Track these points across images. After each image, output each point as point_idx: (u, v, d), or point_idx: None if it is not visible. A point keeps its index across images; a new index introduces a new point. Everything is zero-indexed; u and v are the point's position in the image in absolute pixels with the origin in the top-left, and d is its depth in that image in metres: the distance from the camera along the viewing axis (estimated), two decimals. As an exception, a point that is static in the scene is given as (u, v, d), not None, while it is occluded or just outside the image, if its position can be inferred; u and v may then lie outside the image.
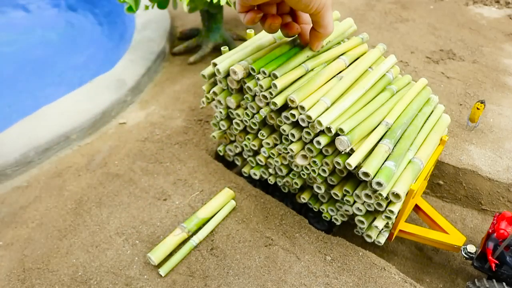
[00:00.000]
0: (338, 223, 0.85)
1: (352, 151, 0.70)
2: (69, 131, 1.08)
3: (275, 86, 0.73)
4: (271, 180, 0.91)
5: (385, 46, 0.88)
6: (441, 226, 0.86)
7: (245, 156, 0.94)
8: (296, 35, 0.75)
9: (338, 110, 0.71)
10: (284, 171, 0.86)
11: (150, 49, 1.38)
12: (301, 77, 0.76)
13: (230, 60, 0.78)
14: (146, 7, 1.25)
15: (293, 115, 0.73)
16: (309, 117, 0.70)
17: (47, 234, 0.86)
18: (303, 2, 0.60)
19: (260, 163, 0.90)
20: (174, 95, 1.27)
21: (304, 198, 0.88)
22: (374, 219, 0.77)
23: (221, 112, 0.87)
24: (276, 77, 0.73)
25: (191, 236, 0.81)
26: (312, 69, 0.78)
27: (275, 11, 0.69)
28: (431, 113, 0.81)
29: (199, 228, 0.83)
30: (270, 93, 0.74)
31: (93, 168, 1.02)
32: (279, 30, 0.71)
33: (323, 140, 0.71)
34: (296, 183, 0.85)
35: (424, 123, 0.79)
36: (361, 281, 0.77)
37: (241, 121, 0.85)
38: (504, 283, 0.77)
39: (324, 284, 0.76)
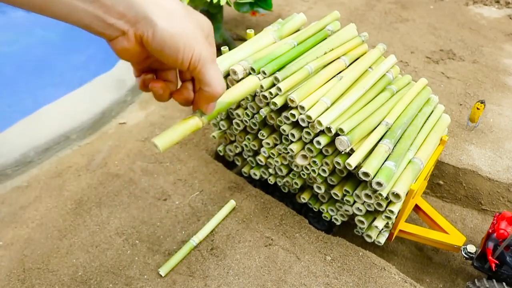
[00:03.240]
0: (338, 223, 0.85)
1: (352, 151, 0.70)
2: (69, 131, 1.08)
3: (279, 89, 0.73)
4: (271, 180, 0.91)
5: (385, 46, 0.88)
6: (441, 226, 0.86)
7: (245, 156, 0.94)
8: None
9: (338, 110, 0.71)
10: (284, 171, 0.86)
11: (150, 49, 1.37)
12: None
13: (230, 60, 0.78)
14: (146, 7, 1.25)
15: (293, 115, 0.73)
16: (309, 117, 0.70)
17: (47, 234, 0.85)
18: (166, 53, 0.52)
19: (260, 163, 0.89)
20: (174, 95, 1.27)
21: (304, 198, 0.88)
22: (374, 219, 0.77)
23: (221, 112, 0.87)
24: (278, 80, 0.73)
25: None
26: (316, 71, 0.78)
27: (171, 77, 0.63)
28: (431, 113, 0.81)
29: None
30: (270, 93, 0.74)
31: (93, 168, 1.02)
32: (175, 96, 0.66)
33: (323, 140, 0.71)
34: (296, 183, 0.85)
35: (424, 123, 0.79)
36: (361, 281, 0.77)
37: (241, 121, 0.85)
38: (504, 283, 0.77)
39: (324, 284, 0.76)
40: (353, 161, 0.67)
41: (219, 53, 0.89)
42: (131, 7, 0.51)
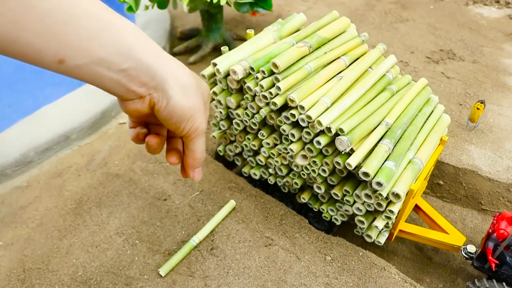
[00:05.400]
0: (338, 223, 0.85)
1: (352, 151, 0.70)
2: (69, 131, 1.08)
3: (279, 88, 0.73)
4: (271, 180, 0.91)
5: (385, 46, 0.88)
6: (441, 226, 0.86)
7: (245, 156, 0.94)
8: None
9: (338, 110, 0.71)
10: (284, 171, 0.86)
11: (150, 49, 1.37)
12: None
13: (230, 60, 0.78)
14: (146, 7, 1.25)
15: (293, 115, 0.73)
16: (309, 117, 0.70)
17: (47, 234, 0.85)
18: (173, 122, 0.58)
19: (260, 163, 0.89)
20: (174, 95, 1.26)
21: (304, 198, 0.88)
22: (374, 219, 0.77)
23: (221, 112, 0.87)
24: (278, 80, 0.73)
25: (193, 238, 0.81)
26: (316, 71, 0.78)
27: (163, 132, 0.67)
28: (431, 113, 0.81)
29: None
30: (270, 93, 0.74)
31: (93, 168, 1.02)
32: (166, 156, 0.71)
33: (323, 140, 0.71)
34: (296, 183, 0.85)
35: (424, 123, 0.79)
36: (361, 281, 0.77)
37: (241, 121, 0.85)
38: (504, 283, 0.77)
39: (324, 284, 0.76)
40: (353, 161, 0.67)
41: (219, 53, 0.89)
42: (153, 78, 0.54)
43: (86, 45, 0.48)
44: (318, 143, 0.72)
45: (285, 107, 0.76)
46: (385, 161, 0.69)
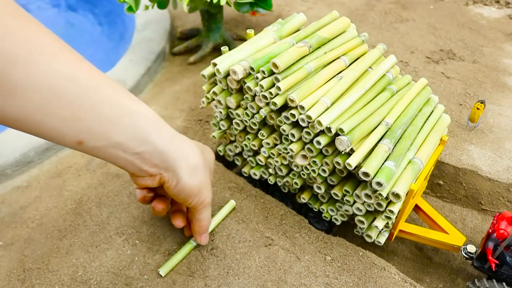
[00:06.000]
0: (338, 223, 0.85)
1: (352, 151, 0.70)
2: (69, 131, 1.08)
3: (279, 88, 0.73)
4: (271, 180, 0.91)
5: (385, 46, 0.88)
6: (441, 226, 0.86)
7: (245, 156, 0.94)
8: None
9: (338, 110, 0.71)
10: (284, 171, 0.86)
11: (150, 49, 1.38)
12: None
13: (230, 60, 0.78)
14: (146, 7, 1.25)
15: (293, 115, 0.73)
16: (309, 117, 0.70)
17: (47, 234, 0.85)
18: (181, 197, 0.61)
19: (260, 163, 0.90)
20: (174, 95, 1.27)
21: (304, 198, 0.88)
22: (374, 219, 0.77)
23: (221, 112, 0.87)
24: (278, 80, 0.73)
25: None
26: (316, 71, 0.78)
27: (168, 195, 0.69)
28: (431, 113, 0.81)
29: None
30: (270, 93, 0.74)
31: (93, 168, 1.02)
32: (171, 218, 0.74)
33: (323, 140, 0.71)
34: (296, 183, 0.85)
35: (424, 123, 0.79)
36: (361, 281, 0.77)
37: (241, 121, 0.85)
38: (504, 283, 0.77)
39: (324, 284, 0.76)
40: (353, 161, 0.67)
41: (219, 53, 0.89)
42: (164, 161, 0.56)
43: (105, 130, 0.49)
44: (318, 143, 0.72)
45: (285, 107, 0.76)
46: (385, 161, 0.69)
